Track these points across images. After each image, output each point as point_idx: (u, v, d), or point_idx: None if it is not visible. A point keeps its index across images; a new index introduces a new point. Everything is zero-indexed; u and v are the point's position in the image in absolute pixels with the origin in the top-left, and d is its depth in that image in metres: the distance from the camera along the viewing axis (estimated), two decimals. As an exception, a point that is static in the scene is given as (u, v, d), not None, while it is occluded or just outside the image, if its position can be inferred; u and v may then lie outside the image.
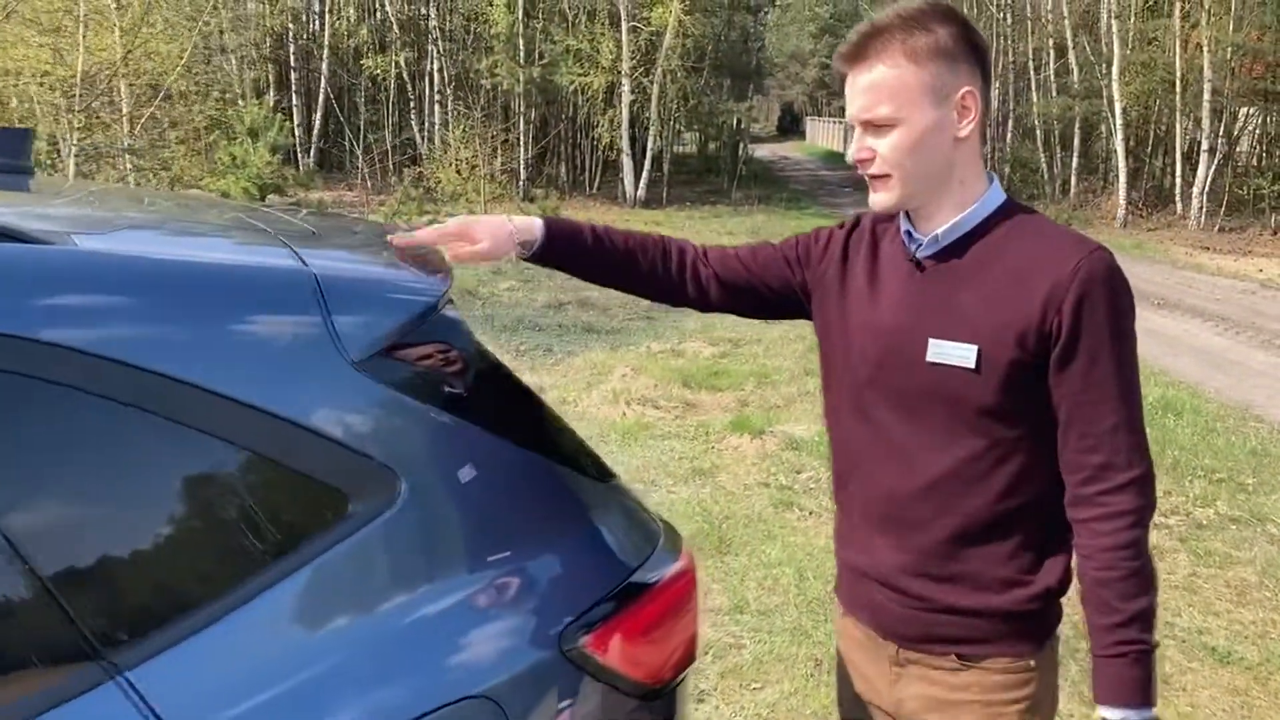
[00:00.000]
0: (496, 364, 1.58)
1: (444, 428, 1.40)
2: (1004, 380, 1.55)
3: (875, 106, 1.56)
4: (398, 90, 27.40)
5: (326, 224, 1.74)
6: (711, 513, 5.05)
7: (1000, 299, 1.55)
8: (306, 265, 1.36)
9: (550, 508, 1.53)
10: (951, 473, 1.62)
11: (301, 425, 1.27)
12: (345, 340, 1.32)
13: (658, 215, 22.76)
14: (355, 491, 1.30)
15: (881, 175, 1.60)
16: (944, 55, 1.54)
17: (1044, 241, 1.56)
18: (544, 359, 8.50)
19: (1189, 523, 5.15)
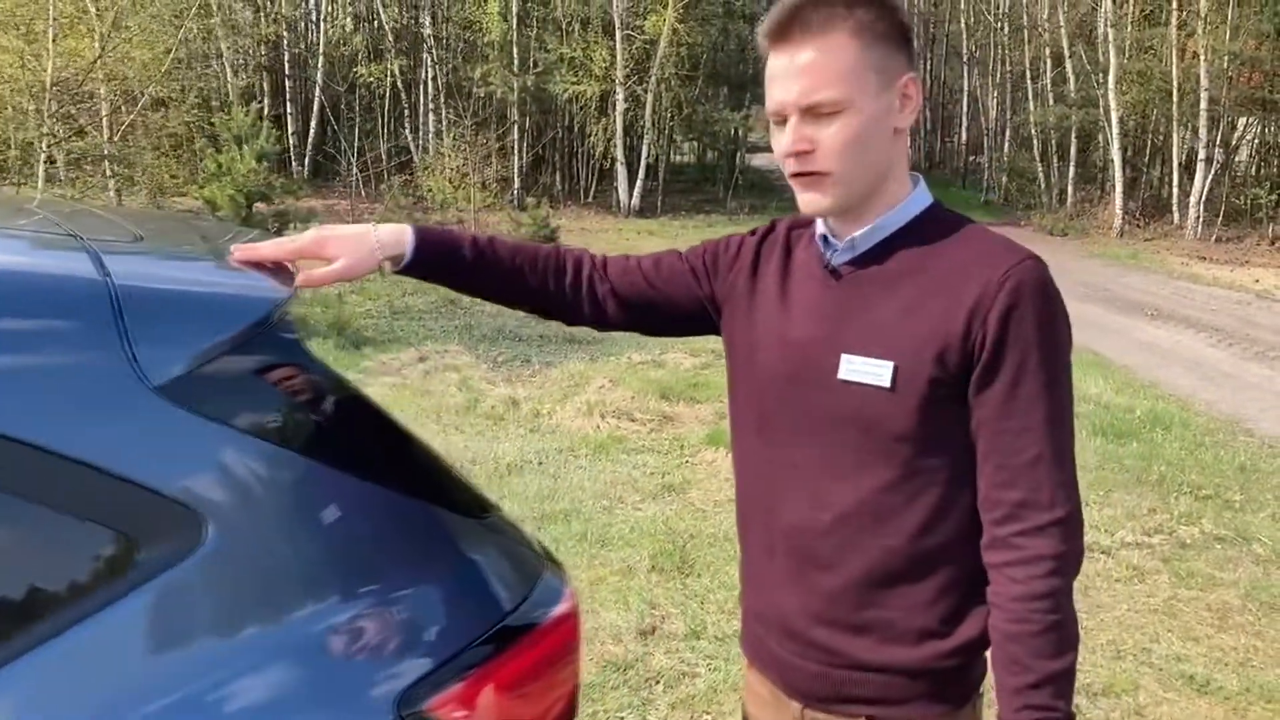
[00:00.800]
0: (343, 386, 1.41)
1: (264, 460, 1.22)
2: (922, 401, 1.37)
3: (818, 90, 1.35)
4: (392, 98, 27.31)
5: (163, 227, 1.57)
6: (676, 531, 4.87)
7: (921, 310, 1.38)
8: (105, 274, 1.19)
9: (401, 548, 1.35)
10: (862, 506, 1.44)
11: (81, 461, 1.09)
12: (145, 361, 1.15)
13: (651, 224, 22.64)
14: (146, 537, 1.12)
15: (819, 173, 1.39)
16: (889, 36, 1.38)
17: (971, 248, 1.40)
18: (521, 370, 8.33)
19: (1172, 542, 4.97)
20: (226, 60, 25.36)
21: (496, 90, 25.33)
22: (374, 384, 7.58)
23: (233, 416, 1.21)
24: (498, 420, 6.77)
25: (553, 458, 5.97)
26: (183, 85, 16.45)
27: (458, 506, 1.47)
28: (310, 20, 30.36)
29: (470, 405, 7.04)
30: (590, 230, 21.11)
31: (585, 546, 4.66)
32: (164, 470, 1.15)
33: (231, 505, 1.19)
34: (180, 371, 1.17)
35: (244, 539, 1.18)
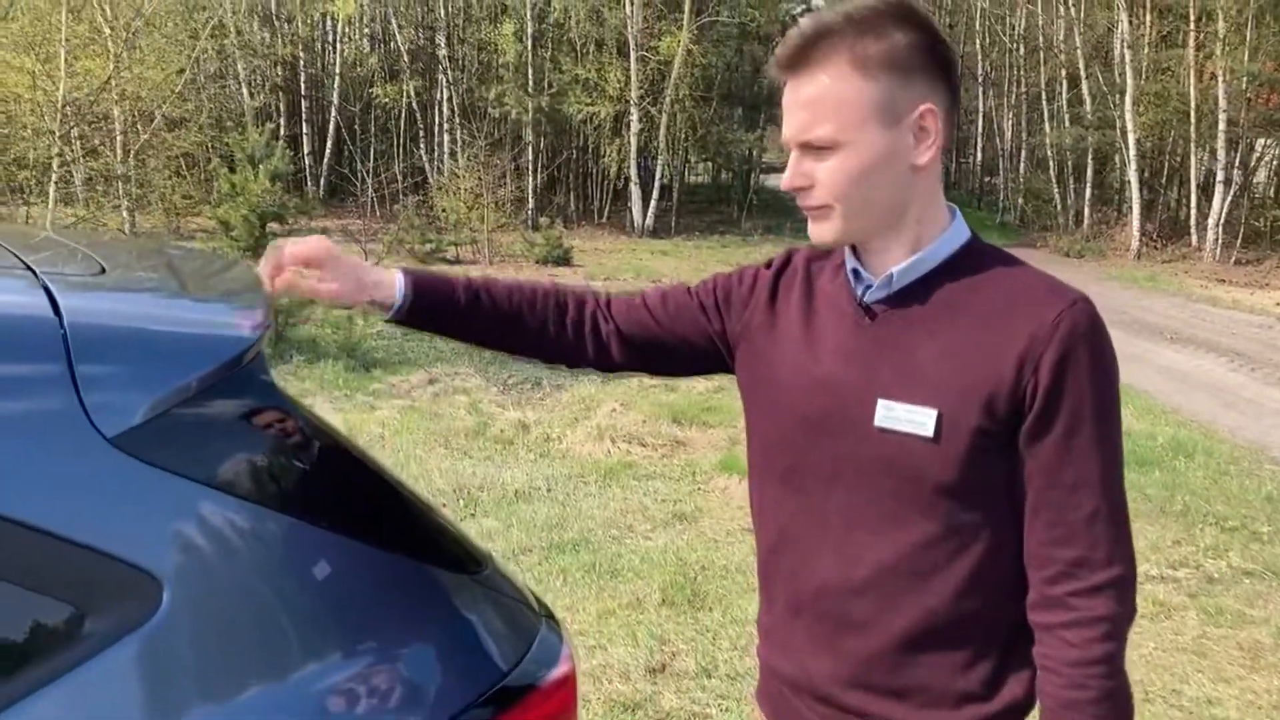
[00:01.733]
0: (321, 432, 1.30)
1: (232, 517, 1.12)
2: (967, 452, 1.28)
3: (814, 126, 1.29)
4: (407, 119, 27.38)
5: (131, 258, 1.47)
6: (687, 562, 4.75)
7: (965, 353, 1.29)
8: (58, 312, 1.09)
9: (388, 609, 1.24)
10: (900, 563, 1.34)
11: (21, 523, 0.99)
12: (98, 408, 1.04)
13: (665, 244, 22.58)
14: (94, 606, 1.02)
15: (821, 206, 1.33)
16: (899, 66, 1.28)
17: (1016, 286, 1.31)
18: (531, 392, 8.23)
19: (1199, 576, 4.82)
20: (242, 80, 25.46)
21: (511, 111, 25.37)
22: (384, 406, 7.49)
23: (197, 469, 1.10)
24: (507, 444, 6.67)
25: (562, 484, 5.86)
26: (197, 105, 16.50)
27: (449, 561, 1.36)
28: (326, 41, 30.50)
29: (480, 429, 6.93)
30: (604, 250, 21.05)
31: (594, 578, 4.54)
32: (116, 531, 1.04)
33: (193, 568, 1.08)
34: (138, 420, 1.06)
35: (205, 605, 1.08)
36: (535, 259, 17.61)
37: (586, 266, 17.69)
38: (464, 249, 18.54)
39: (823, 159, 1.30)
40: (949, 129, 1.33)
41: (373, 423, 6.99)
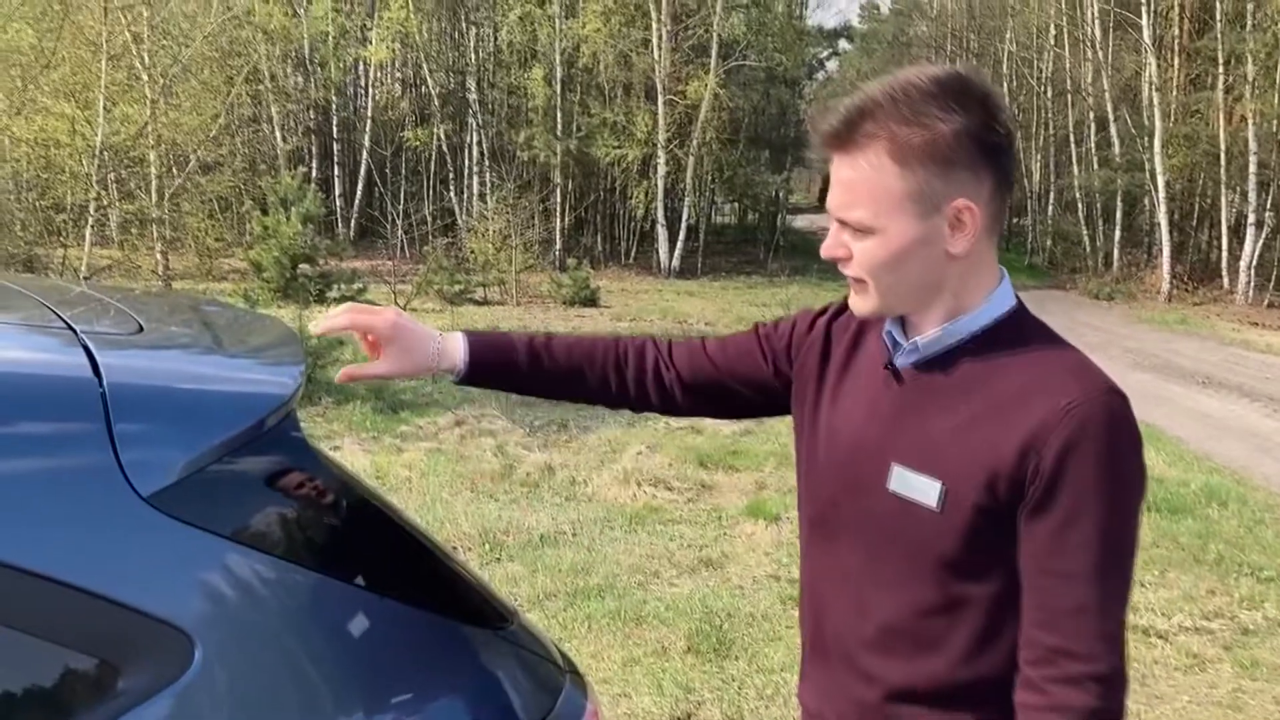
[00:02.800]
0: (353, 489, 1.32)
1: (264, 574, 1.13)
2: (968, 527, 1.30)
3: (850, 208, 1.31)
4: (437, 161, 27.70)
5: (168, 315, 1.50)
6: (713, 610, 4.72)
7: (975, 431, 1.30)
8: (98, 369, 1.11)
9: (415, 666, 1.25)
10: (903, 624, 1.38)
11: (58, 580, 1.01)
12: (134, 467, 1.06)
13: (691, 285, 22.65)
14: (128, 662, 1.03)
15: (857, 279, 1.36)
16: (939, 159, 1.26)
17: (1039, 369, 1.30)
18: (558, 435, 8.24)
19: (1234, 627, 4.74)
20: (276, 124, 25.87)
21: (540, 154, 25.62)
22: (411, 448, 7.52)
23: (230, 527, 1.12)
24: (533, 487, 6.67)
25: (587, 528, 5.85)
26: (230, 149, 16.79)
27: (475, 617, 1.37)
28: (359, 85, 30.98)
29: (506, 471, 6.95)
30: (630, 291, 21.13)
31: (619, 624, 4.52)
32: (150, 588, 1.06)
33: (226, 625, 1.09)
34: (173, 478, 1.08)
35: (237, 662, 1.09)
36: (562, 300, 17.70)
37: (613, 307, 17.75)
38: (492, 290, 18.66)
39: (859, 238, 1.32)
40: (997, 208, 1.32)
41: (400, 465, 7.02)
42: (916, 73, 1.29)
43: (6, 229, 10.66)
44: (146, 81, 13.07)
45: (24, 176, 12.28)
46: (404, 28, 26.01)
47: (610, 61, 25.00)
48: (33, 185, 12.76)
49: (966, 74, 1.30)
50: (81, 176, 11.83)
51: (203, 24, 16.02)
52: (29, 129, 10.73)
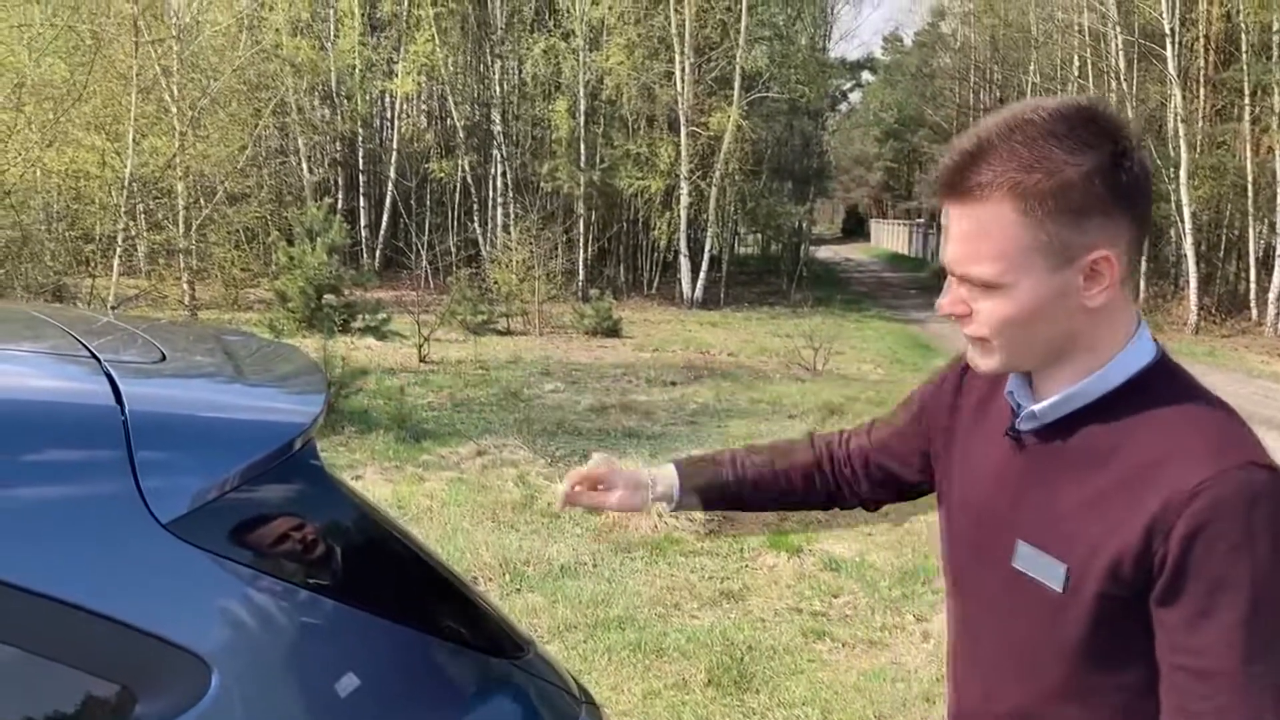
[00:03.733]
0: (370, 518, 1.32)
1: (282, 601, 1.14)
2: (1093, 614, 1.19)
3: (972, 263, 1.19)
4: (462, 192, 27.91)
5: (190, 344, 1.51)
6: (734, 643, 4.69)
7: (1101, 509, 1.18)
8: (120, 398, 1.13)
9: (431, 695, 1.25)
10: (1031, 712, 1.29)
11: (77, 606, 1.01)
12: (154, 495, 1.08)
13: (714, 315, 22.65)
14: (145, 688, 1.04)
15: (979, 338, 1.24)
16: (1069, 207, 1.13)
17: (1174, 437, 1.16)
18: (579, 465, 8.21)
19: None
20: (302, 156, 26.16)
21: (563, 185, 25.78)
22: (432, 478, 7.53)
23: (248, 554, 1.13)
24: (554, 518, 6.66)
25: (608, 560, 5.83)
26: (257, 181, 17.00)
27: (492, 647, 1.37)
28: (385, 117, 31.30)
29: (527, 501, 6.94)
30: (653, 321, 21.15)
31: (639, 657, 4.50)
32: (168, 614, 1.06)
33: (242, 651, 1.10)
34: (192, 506, 1.09)
35: (254, 689, 1.09)
36: (585, 330, 17.73)
37: (635, 338, 17.77)
38: (515, 320, 18.72)
39: (981, 296, 1.21)
40: (1134, 254, 1.21)
41: (421, 494, 7.02)
42: (1035, 107, 1.17)
43: (37, 259, 10.83)
44: (175, 114, 13.28)
45: (54, 208, 12.49)
46: (430, 61, 26.30)
47: (634, 94, 25.16)
48: (63, 216, 12.96)
49: (1091, 105, 1.17)
50: (110, 207, 12.01)
51: (231, 58, 16.28)
52: (60, 161, 10.93)
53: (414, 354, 13.67)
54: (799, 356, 14.13)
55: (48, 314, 1.50)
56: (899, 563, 5.87)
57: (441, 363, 13.52)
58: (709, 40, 25.28)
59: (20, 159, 9.70)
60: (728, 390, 12.02)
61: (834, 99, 38.50)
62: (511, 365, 13.52)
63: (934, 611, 5.17)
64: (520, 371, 12.99)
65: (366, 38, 27.34)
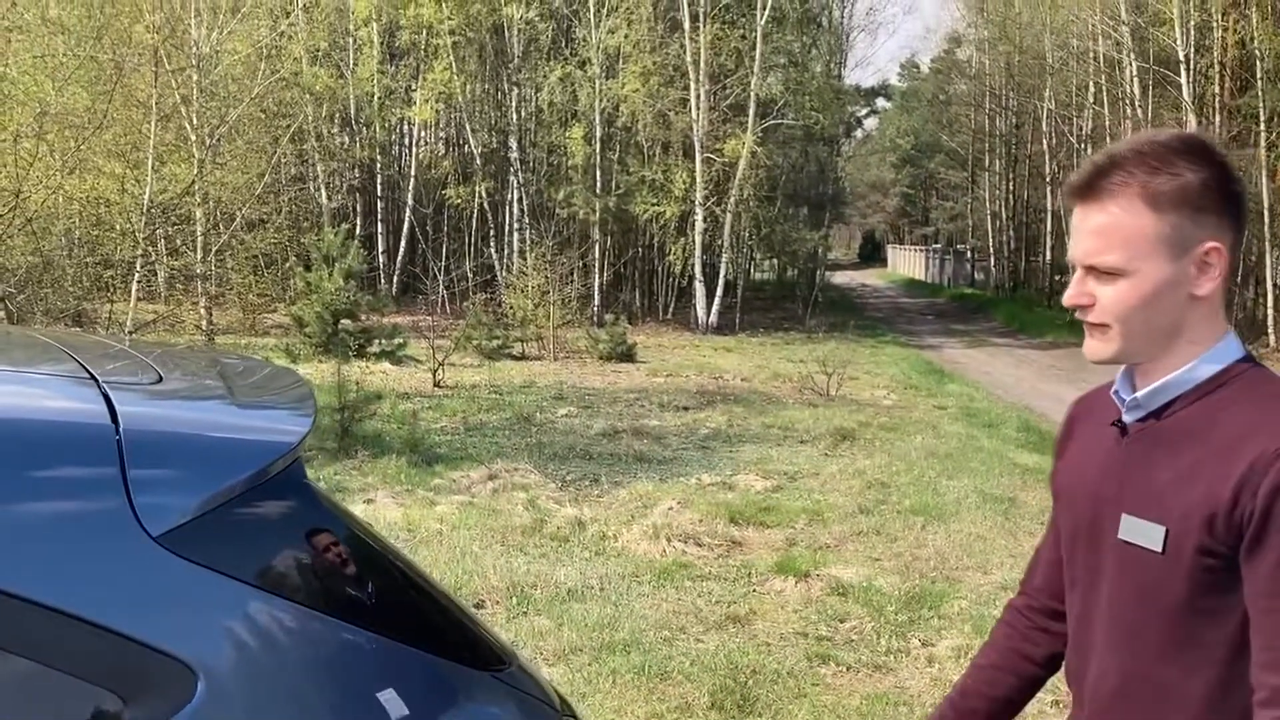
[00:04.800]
0: (355, 533, 1.37)
1: (267, 613, 1.19)
2: (1191, 570, 1.35)
3: (1103, 252, 1.40)
4: (479, 218, 28.11)
5: (186, 366, 1.57)
6: (738, 666, 4.71)
7: (1197, 476, 1.35)
8: (115, 417, 1.18)
9: (410, 703, 1.30)
10: (1139, 676, 1.43)
11: (71, 615, 1.07)
12: (145, 509, 1.13)
13: (728, 341, 22.67)
14: (133, 694, 1.09)
15: (1100, 325, 1.43)
16: (1189, 203, 1.37)
17: (1261, 417, 1.35)
18: (589, 489, 8.27)
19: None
20: (320, 182, 26.42)
21: (579, 211, 25.93)
22: (443, 502, 7.58)
23: (235, 567, 1.18)
24: (563, 542, 6.70)
25: (615, 583, 5.86)
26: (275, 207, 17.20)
27: (476, 660, 1.42)
28: (403, 144, 31.60)
29: (536, 526, 6.98)
30: (667, 347, 21.21)
31: (643, 680, 4.52)
32: (157, 623, 1.11)
33: (226, 659, 1.15)
34: (182, 520, 1.15)
35: (237, 695, 1.14)
36: (599, 355, 17.79)
37: (650, 362, 17.83)
38: (530, 345, 18.82)
39: (1107, 283, 1.40)
40: (1234, 259, 1.41)
41: (432, 518, 7.08)
42: (1158, 132, 1.43)
43: (57, 284, 10.99)
44: (194, 141, 13.48)
45: (75, 234, 12.68)
46: (447, 89, 26.55)
47: (649, 120, 25.33)
48: (83, 242, 13.14)
49: (1204, 137, 1.43)
50: (130, 233, 12.18)
51: (250, 86, 16.51)
52: (81, 188, 11.12)
53: (429, 379, 13.77)
54: (812, 382, 14.14)
55: (50, 337, 1.56)
56: (906, 587, 5.88)
57: (456, 387, 13.60)
58: (724, 68, 25.44)
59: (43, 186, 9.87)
60: (740, 415, 12.05)
61: (849, 126, 38.62)
62: (525, 390, 13.59)
63: (940, 636, 5.18)
64: (534, 396, 13.05)
65: (385, 66, 27.65)
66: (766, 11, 24.91)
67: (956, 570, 6.31)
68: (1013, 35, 33.21)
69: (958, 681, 1.80)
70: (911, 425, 11.68)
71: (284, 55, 20.24)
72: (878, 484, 8.59)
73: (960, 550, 6.69)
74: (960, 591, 5.86)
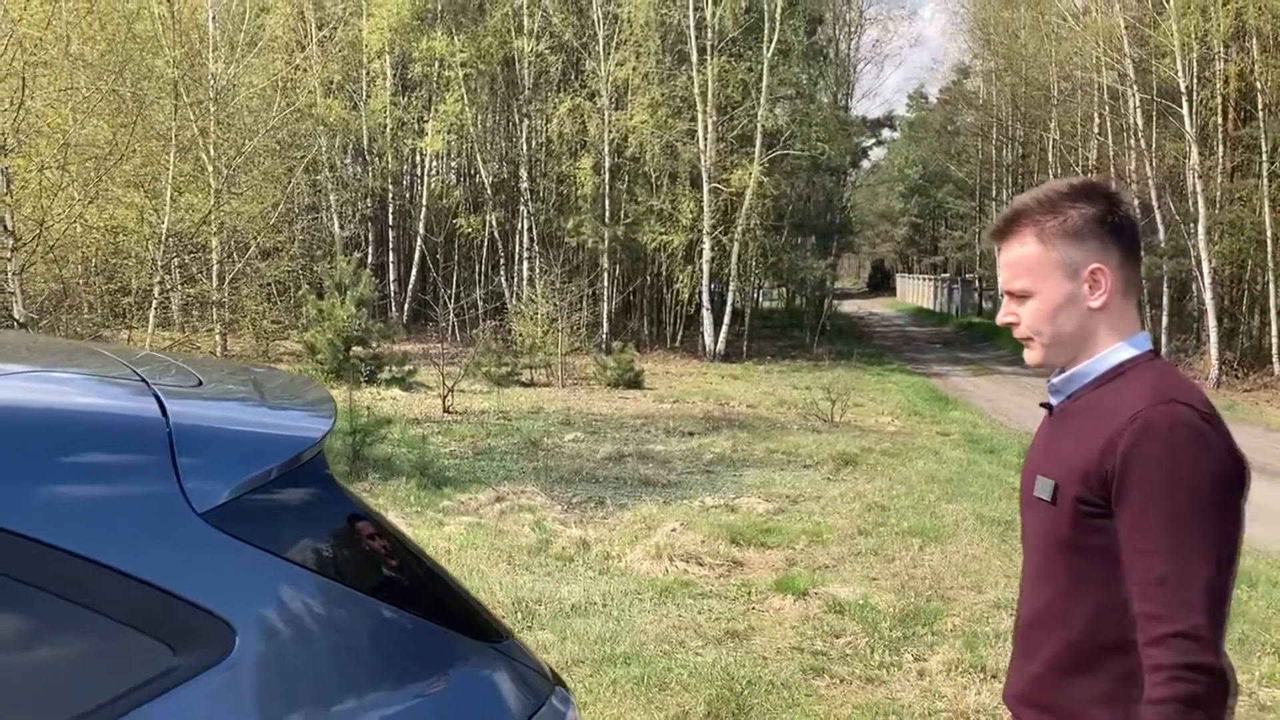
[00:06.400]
0: (371, 518, 1.57)
1: (293, 581, 1.38)
2: (1073, 517, 1.68)
3: (1014, 280, 1.78)
4: (489, 247, 28.42)
5: (222, 374, 1.78)
6: (735, 677, 4.86)
7: (1080, 441, 1.69)
8: (165, 413, 1.38)
9: (420, 665, 1.49)
10: (1047, 606, 1.76)
11: (130, 575, 1.26)
12: (192, 490, 1.33)
13: (735, 369, 22.86)
14: (182, 643, 1.28)
15: (1026, 338, 1.80)
16: (1073, 235, 1.72)
17: (1134, 392, 1.67)
18: (594, 511, 8.45)
19: (1251, 703, 4.79)
20: (333, 211, 26.78)
21: (588, 240, 26.23)
22: (452, 523, 7.76)
23: (267, 541, 1.38)
24: (567, 561, 6.87)
25: (618, 600, 6.03)
26: (289, 236, 17.50)
27: (477, 632, 1.61)
28: (414, 175, 32.00)
29: (542, 546, 7.16)
30: (675, 374, 21.40)
31: (642, 690, 4.68)
32: (203, 586, 1.31)
33: (260, 618, 1.34)
34: (222, 500, 1.35)
35: (269, 649, 1.33)
36: (607, 382, 17.99)
37: (657, 389, 18.01)
38: (538, 372, 19.02)
39: (1023, 304, 1.78)
40: (1128, 273, 1.74)
41: (440, 538, 7.25)
42: (1057, 182, 1.79)
43: (76, 311, 11.26)
44: (211, 172, 13.80)
45: (92, 262, 12.98)
46: (459, 120, 26.96)
47: (657, 151, 25.65)
48: (101, 270, 13.43)
49: (1094, 180, 1.77)
50: (148, 262, 12.47)
51: (266, 118, 16.85)
52: (100, 217, 11.42)
53: (438, 405, 13.97)
54: (816, 408, 14.30)
55: (104, 349, 1.77)
56: (901, 605, 6.03)
57: (465, 413, 13.80)
58: (731, 99, 25.79)
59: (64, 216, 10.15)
60: (744, 440, 12.21)
61: (855, 156, 38.93)
62: (533, 416, 13.78)
63: (932, 651, 5.33)
64: (541, 422, 13.24)
65: (397, 98, 28.07)
66: (773, 44, 25.26)
67: (952, 589, 6.46)
68: (1018, 67, 33.52)
69: None
70: (914, 451, 11.83)
71: (299, 87, 20.63)
72: (878, 507, 8.75)
73: (956, 570, 6.84)
74: (954, 609, 6.01)
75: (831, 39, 34.35)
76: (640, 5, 25.23)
